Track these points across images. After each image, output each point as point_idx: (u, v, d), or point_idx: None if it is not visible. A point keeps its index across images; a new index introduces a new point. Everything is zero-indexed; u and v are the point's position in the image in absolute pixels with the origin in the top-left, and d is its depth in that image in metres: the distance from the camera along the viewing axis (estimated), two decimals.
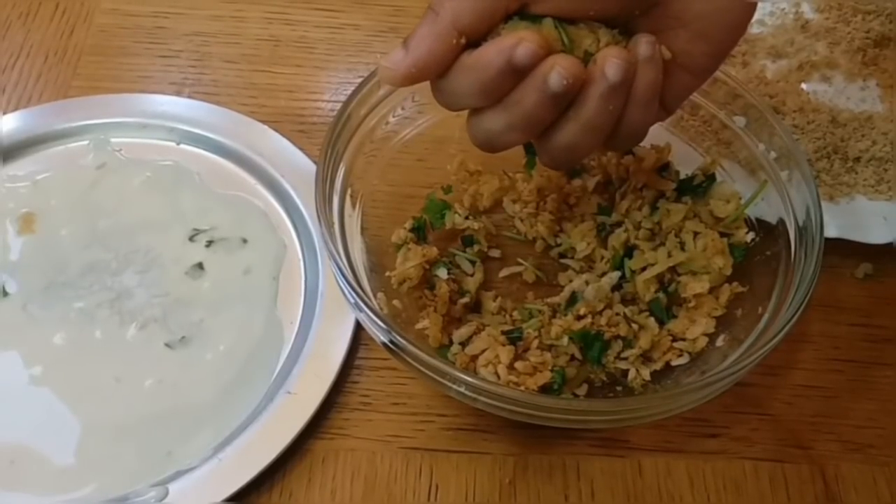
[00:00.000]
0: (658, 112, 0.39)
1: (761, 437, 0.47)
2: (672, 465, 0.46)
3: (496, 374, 0.44)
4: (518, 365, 0.44)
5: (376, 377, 0.48)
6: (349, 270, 0.42)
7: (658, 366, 0.46)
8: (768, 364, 0.48)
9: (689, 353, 0.47)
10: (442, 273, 0.48)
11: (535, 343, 0.46)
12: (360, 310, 0.41)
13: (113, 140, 0.56)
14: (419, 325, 0.47)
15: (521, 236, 0.53)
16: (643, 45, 0.36)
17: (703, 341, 0.46)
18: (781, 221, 0.48)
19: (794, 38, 0.64)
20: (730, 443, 0.47)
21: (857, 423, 0.48)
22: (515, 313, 0.48)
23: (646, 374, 0.46)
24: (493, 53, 0.34)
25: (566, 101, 0.35)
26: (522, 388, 0.44)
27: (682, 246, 0.49)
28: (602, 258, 0.50)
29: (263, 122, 0.57)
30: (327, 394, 0.45)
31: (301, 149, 0.55)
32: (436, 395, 0.47)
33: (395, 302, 0.47)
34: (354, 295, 0.41)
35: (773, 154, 0.49)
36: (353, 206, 0.48)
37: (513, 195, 0.54)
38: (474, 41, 0.35)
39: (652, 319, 0.47)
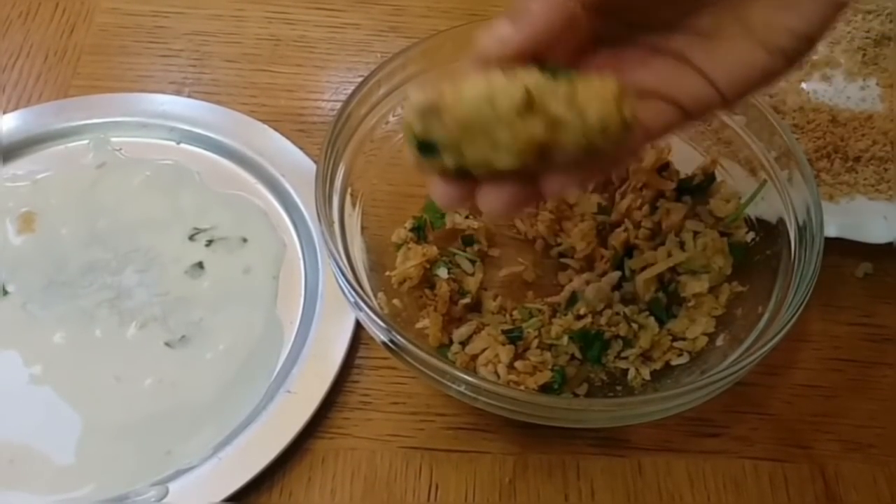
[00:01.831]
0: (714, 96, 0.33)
1: (761, 437, 0.47)
2: (672, 464, 0.46)
3: (496, 373, 0.44)
4: (518, 364, 0.44)
5: (376, 376, 0.48)
6: (349, 270, 0.42)
7: (658, 365, 0.46)
8: (768, 363, 0.48)
9: (689, 353, 0.47)
10: (442, 272, 0.48)
11: (535, 342, 0.46)
12: (360, 309, 0.41)
13: (113, 139, 0.56)
14: (419, 325, 0.47)
15: (521, 236, 0.53)
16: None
17: (702, 341, 0.47)
18: (781, 221, 0.48)
19: None
20: (730, 442, 0.47)
21: (858, 423, 0.48)
22: (515, 313, 0.48)
23: (646, 373, 0.46)
24: None
25: None
26: (522, 387, 0.44)
27: (682, 245, 0.49)
28: (602, 258, 0.50)
29: (263, 121, 0.56)
30: (327, 393, 0.45)
31: (301, 148, 0.55)
32: (436, 394, 0.47)
33: (395, 301, 0.47)
34: (354, 294, 0.41)
35: (773, 153, 0.49)
36: (354, 205, 0.48)
37: None
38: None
39: (652, 319, 0.47)
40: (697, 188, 0.51)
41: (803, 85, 0.61)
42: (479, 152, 0.29)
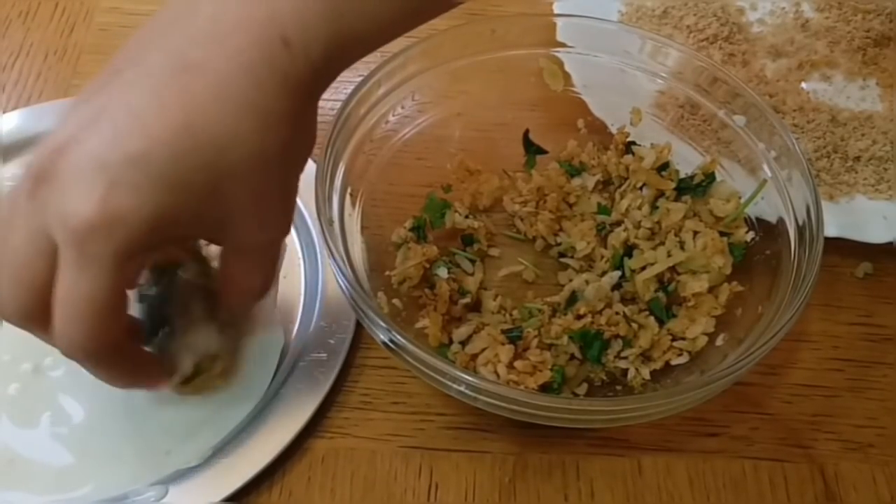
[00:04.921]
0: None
1: (761, 437, 0.47)
2: (672, 464, 0.46)
3: (496, 373, 0.44)
4: (518, 364, 0.44)
5: (376, 376, 0.48)
6: (349, 269, 0.42)
7: (658, 365, 0.46)
8: (768, 363, 0.48)
9: (689, 353, 0.47)
10: (442, 272, 0.48)
11: (535, 342, 0.46)
12: (360, 309, 0.41)
13: None
14: (419, 325, 0.47)
15: (521, 235, 0.53)
16: None
17: (702, 340, 0.46)
18: (781, 220, 0.48)
19: (794, 37, 0.64)
20: (729, 442, 0.47)
21: (857, 423, 0.48)
22: (515, 312, 0.48)
23: (645, 373, 0.46)
24: None
25: None
26: (522, 387, 0.44)
27: (682, 245, 0.49)
28: (602, 257, 0.50)
29: None
30: (327, 393, 0.45)
31: None
32: (435, 394, 0.47)
33: (395, 301, 0.47)
34: (354, 294, 0.41)
35: (772, 153, 0.49)
36: (353, 205, 0.48)
37: (513, 194, 0.54)
38: None
39: (652, 319, 0.47)
40: (697, 188, 0.51)
41: (803, 85, 0.61)
42: None
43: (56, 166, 0.33)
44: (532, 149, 0.55)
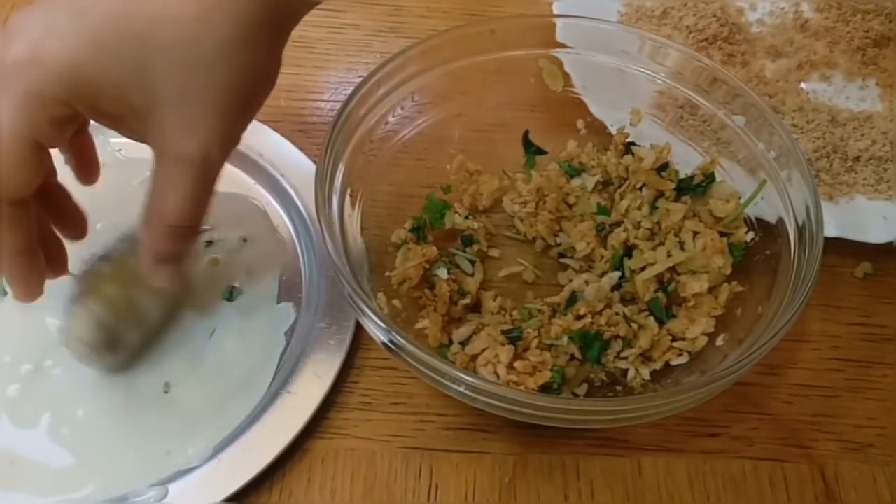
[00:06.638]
0: None
1: (761, 437, 0.47)
2: (672, 464, 0.46)
3: (496, 373, 0.44)
4: (518, 364, 0.44)
5: (376, 377, 0.48)
6: (349, 270, 0.42)
7: (658, 365, 0.46)
8: (768, 363, 0.48)
9: (689, 353, 0.47)
10: (442, 273, 0.48)
11: (535, 343, 0.46)
12: (360, 309, 0.41)
13: (112, 140, 0.56)
14: (419, 325, 0.47)
15: (521, 236, 0.53)
16: None
17: (702, 341, 0.47)
18: (781, 221, 0.48)
19: (794, 37, 0.64)
20: (729, 442, 0.47)
21: (857, 423, 0.48)
22: (515, 313, 0.48)
23: (645, 373, 0.46)
24: None
25: None
26: (522, 387, 0.44)
27: (682, 245, 0.49)
28: (602, 258, 0.50)
29: (263, 121, 0.56)
30: (327, 394, 0.45)
31: (301, 148, 0.55)
32: (435, 394, 0.47)
33: (395, 302, 0.47)
34: (354, 295, 0.41)
35: (772, 153, 0.49)
36: (353, 205, 0.48)
37: (512, 195, 0.54)
38: None
39: (651, 319, 0.47)
40: (697, 188, 0.51)
41: (803, 85, 0.61)
42: None
43: (21, 18, 0.36)
44: (532, 149, 0.55)
